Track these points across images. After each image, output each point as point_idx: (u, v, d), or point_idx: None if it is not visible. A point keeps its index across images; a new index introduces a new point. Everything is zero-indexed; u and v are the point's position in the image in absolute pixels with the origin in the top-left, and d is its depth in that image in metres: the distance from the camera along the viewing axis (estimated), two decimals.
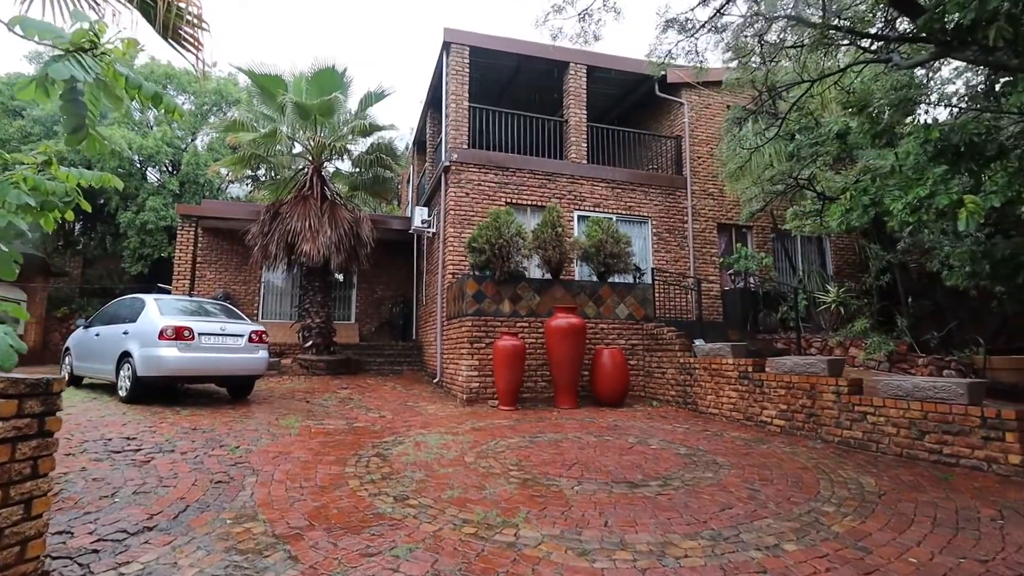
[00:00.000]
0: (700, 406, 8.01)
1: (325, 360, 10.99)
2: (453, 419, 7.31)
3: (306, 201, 10.95)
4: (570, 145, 11.52)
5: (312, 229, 10.59)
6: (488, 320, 8.80)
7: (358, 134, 11.13)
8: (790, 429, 6.44)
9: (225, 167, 11.36)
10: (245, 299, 13.97)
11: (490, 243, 8.64)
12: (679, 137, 12.55)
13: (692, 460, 5.13)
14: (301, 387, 9.79)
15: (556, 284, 9.25)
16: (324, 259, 10.75)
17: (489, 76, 12.71)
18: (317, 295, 11.53)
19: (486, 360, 8.69)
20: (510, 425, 6.94)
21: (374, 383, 10.77)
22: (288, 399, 8.54)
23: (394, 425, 6.81)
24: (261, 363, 7.81)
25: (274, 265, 10.89)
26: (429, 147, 13.54)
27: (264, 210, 11.23)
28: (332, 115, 11.05)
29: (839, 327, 9.72)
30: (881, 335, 8.89)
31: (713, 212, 12.46)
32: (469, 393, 8.53)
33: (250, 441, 5.58)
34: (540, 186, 11.01)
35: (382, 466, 4.81)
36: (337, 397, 8.92)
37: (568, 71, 11.72)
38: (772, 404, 6.74)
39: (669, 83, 12.45)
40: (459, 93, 10.84)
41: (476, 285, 8.80)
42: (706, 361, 7.97)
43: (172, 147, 17.08)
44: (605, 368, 8.66)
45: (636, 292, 9.75)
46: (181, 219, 12.58)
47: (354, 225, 11.23)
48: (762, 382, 6.93)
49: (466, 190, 10.47)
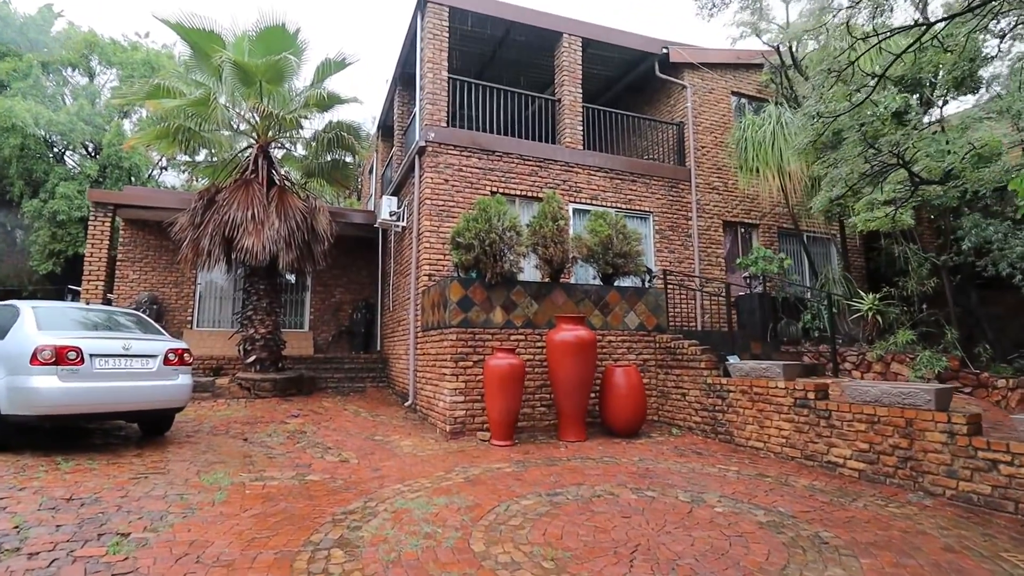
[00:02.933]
0: (737, 437, 6.61)
1: (272, 379, 9.08)
2: (438, 462, 5.64)
3: (249, 187, 9.02)
4: (564, 128, 10.00)
5: (256, 220, 8.68)
6: (476, 333, 7.16)
7: (314, 106, 9.23)
8: (874, 475, 5.08)
9: (145, 143, 9.23)
10: (177, 304, 11.83)
11: (479, 238, 7.01)
12: (681, 124, 11.22)
13: (790, 538, 3.65)
14: (240, 415, 7.88)
15: (557, 288, 7.70)
16: (271, 257, 8.86)
17: (468, 49, 11.07)
18: (263, 300, 9.60)
19: (474, 382, 7.05)
20: (514, 472, 5.33)
21: (332, 406, 8.93)
22: (220, 435, 6.66)
23: (361, 476, 5.09)
24: (181, 392, 5.92)
25: (207, 264, 8.91)
26: (397, 130, 11.77)
27: (196, 197, 9.22)
28: (282, 82, 9.16)
29: (875, 338, 8.54)
30: (930, 348, 7.72)
31: (718, 208, 11.19)
32: (453, 424, 6.87)
33: (150, 521, 3.77)
34: (531, 174, 9.44)
35: (350, 569, 3.13)
36: (285, 430, 7.08)
37: (561, 44, 10.20)
38: (845, 441, 5.37)
39: (672, 63, 11.13)
40: (436, 61, 9.15)
41: (462, 290, 7.15)
42: (745, 383, 6.58)
43: (91, 125, 14.59)
44: (618, 391, 7.16)
45: (647, 298, 8.30)
46: (94, 207, 10.38)
47: (308, 216, 9.37)
48: (829, 412, 5.56)
49: (445, 176, 8.80)
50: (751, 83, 11.95)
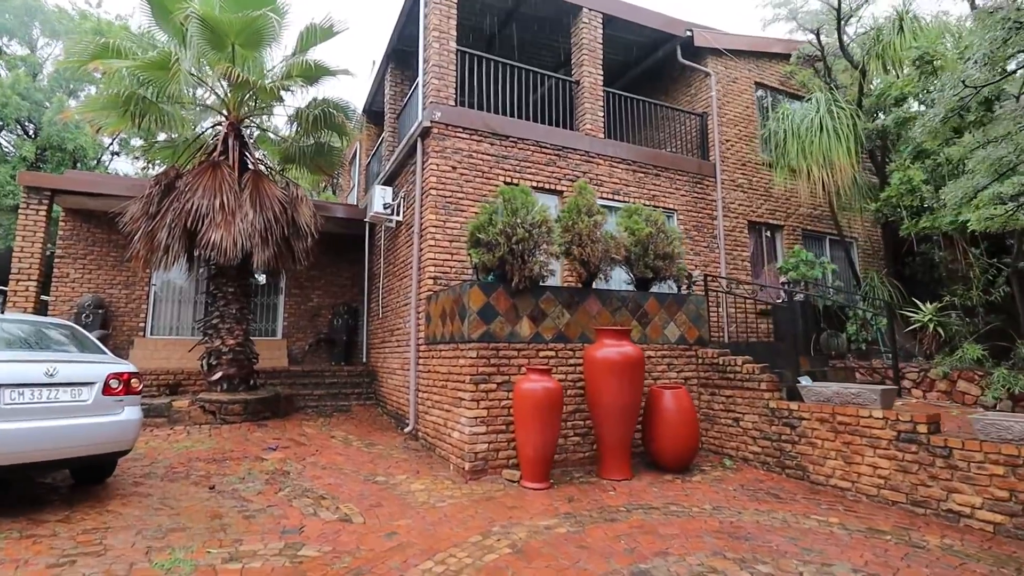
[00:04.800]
0: (814, 474, 5.56)
1: (242, 400, 7.62)
2: (467, 519, 4.39)
3: (217, 171, 7.55)
4: (583, 113, 8.86)
5: (226, 210, 7.24)
6: (500, 349, 5.93)
7: (298, 76, 7.80)
8: (1016, 530, 4.08)
9: (90, 112, 7.61)
10: (127, 309, 10.20)
11: (506, 234, 5.79)
12: (705, 115, 10.23)
13: None
14: (204, 449, 6.43)
15: (590, 295, 6.54)
16: (244, 254, 7.43)
17: (471, 24, 9.84)
18: (231, 305, 8.13)
19: (498, 408, 5.82)
20: (571, 534, 4.13)
21: (316, 433, 7.55)
22: (180, 480, 5.24)
23: (373, 547, 3.80)
24: (126, 431, 4.49)
25: (165, 261, 7.40)
26: (389, 113, 10.42)
27: (152, 182, 7.70)
28: (259, 46, 7.75)
29: (933, 353, 7.67)
30: (1003, 366, 6.88)
31: (743, 207, 10.23)
32: (473, 460, 5.62)
33: None
34: (548, 163, 8.27)
35: None
36: (263, 470, 5.70)
37: (580, 19, 9.06)
38: (973, 487, 4.36)
39: (695, 48, 10.13)
40: (443, 29, 7.90)
41: (483, 297, 5.91)
42: (825, 410, 5.53)
43: (29, 101, 12.69)
44: (667, 417, 6.04)
45: (688, 307, 7.22)
46: (26, 192, 8.71)
47: (288, 207, 7.96)
48: (950, 451, 4.55)
49: (452, 162, 7.55)
50: (775, 74, 11.06)
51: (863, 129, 8.06)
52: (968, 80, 4.05)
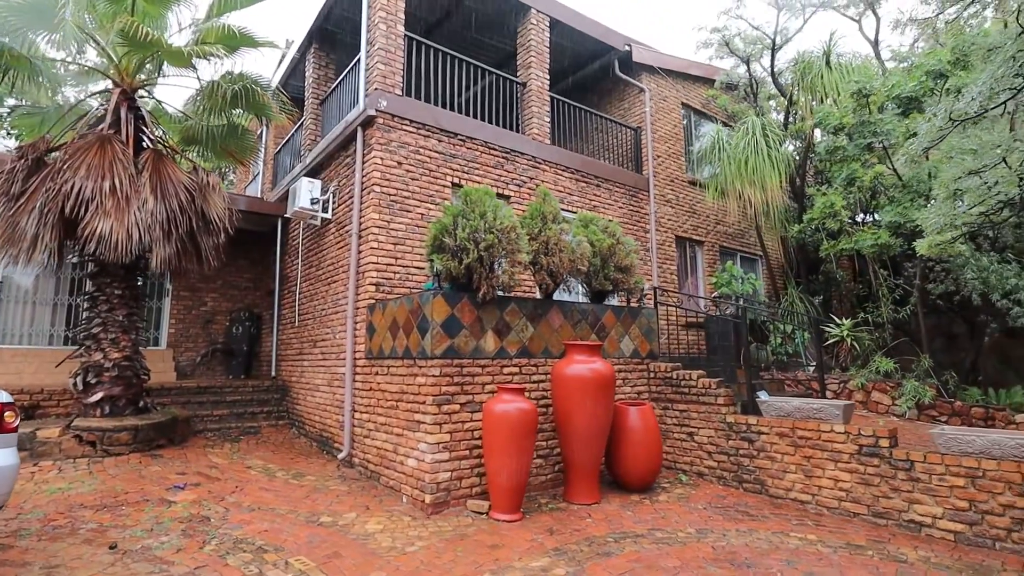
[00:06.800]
0: (772, 488, 5.65)
1: (131, 426, 6.26)
2: (447, 564, 3.80)
3: (106, 147, 6.17)
4: (531, 116, 8.55)
5: (118, 195, 5.91)
6: (465, 366, 5.38)
7: (217, 42, 6.58)
8: (976, 538, 4.35)
9: None
10: None
11: (475, 240, 5.27)
12: (639, 129, 10.40)
13: None
14: (88, 492, 5.13)
15: (553, 308, 6.20)
16: (139, 249, 6.13)
17: (410, 10, 9.14)
18: (117, 310, 6.69)
19: (461, 432, 5.26)
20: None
21: (228, 464, 6.41)
22: (64, 538, 4.06)
23: None
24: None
25: (31, 253, 5.86)
26: (311, 98, 9.34)
27: (15, 156, 6.12)
28: (167, 2, 6.47)
29: (848, 365, 8.29)
30: (908, 376, 7.58)
31: (672, 222, 10.52)
32: (435, 492, 5.01)
33: None
34: (496, 166, 7.84)
35: None
36: (174, 518, 4.62)
37: (528, 20, 8.76)
38: (935, 498, 4.60)
39: (631, 64, 10.26)
40: (391, 11, 7.18)
41: (447, 308, 5.33)
42: (785, 425, 5.64)
43: None
44: (633, 436, 5.87)
45: (640, 320, 7.14)
46: None
47: (197, 197, 6.73)
48: (911, 464, 4.77)
49: (399, 157, 6.86)
50: (698, 96, 11.55)
51: (790, 154, 8.62)
52: (955, 114, 4.32)
